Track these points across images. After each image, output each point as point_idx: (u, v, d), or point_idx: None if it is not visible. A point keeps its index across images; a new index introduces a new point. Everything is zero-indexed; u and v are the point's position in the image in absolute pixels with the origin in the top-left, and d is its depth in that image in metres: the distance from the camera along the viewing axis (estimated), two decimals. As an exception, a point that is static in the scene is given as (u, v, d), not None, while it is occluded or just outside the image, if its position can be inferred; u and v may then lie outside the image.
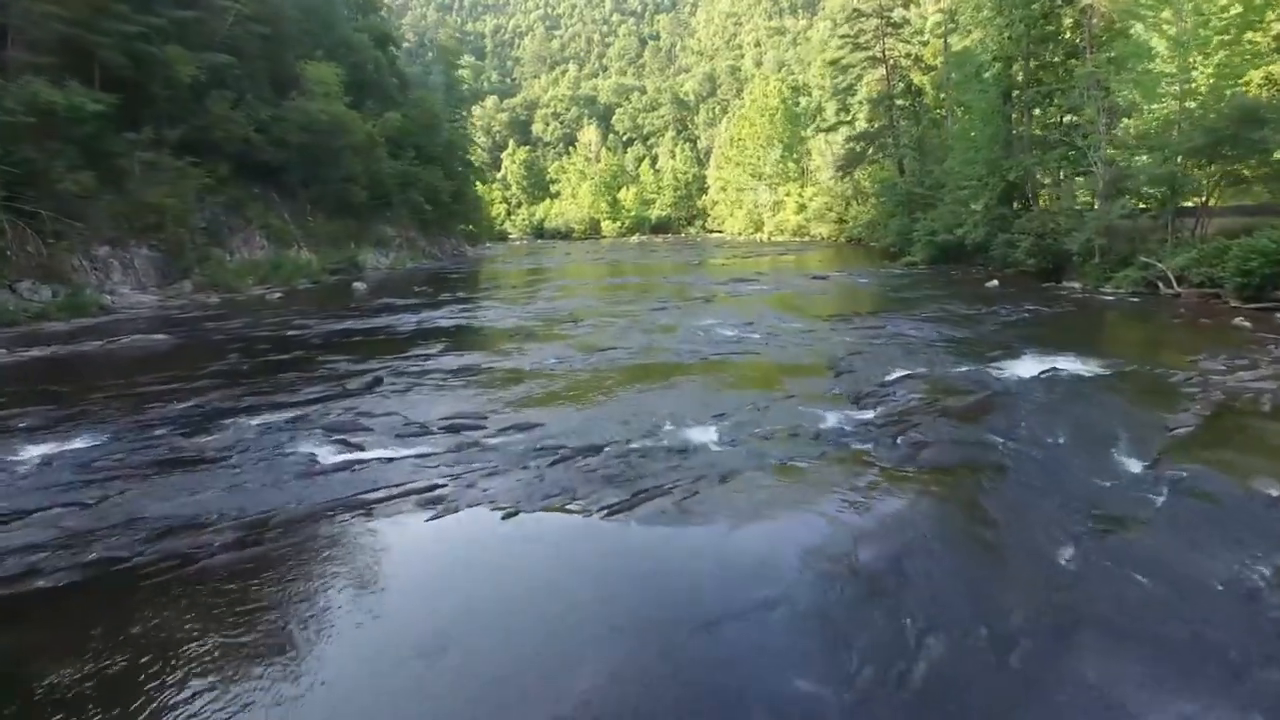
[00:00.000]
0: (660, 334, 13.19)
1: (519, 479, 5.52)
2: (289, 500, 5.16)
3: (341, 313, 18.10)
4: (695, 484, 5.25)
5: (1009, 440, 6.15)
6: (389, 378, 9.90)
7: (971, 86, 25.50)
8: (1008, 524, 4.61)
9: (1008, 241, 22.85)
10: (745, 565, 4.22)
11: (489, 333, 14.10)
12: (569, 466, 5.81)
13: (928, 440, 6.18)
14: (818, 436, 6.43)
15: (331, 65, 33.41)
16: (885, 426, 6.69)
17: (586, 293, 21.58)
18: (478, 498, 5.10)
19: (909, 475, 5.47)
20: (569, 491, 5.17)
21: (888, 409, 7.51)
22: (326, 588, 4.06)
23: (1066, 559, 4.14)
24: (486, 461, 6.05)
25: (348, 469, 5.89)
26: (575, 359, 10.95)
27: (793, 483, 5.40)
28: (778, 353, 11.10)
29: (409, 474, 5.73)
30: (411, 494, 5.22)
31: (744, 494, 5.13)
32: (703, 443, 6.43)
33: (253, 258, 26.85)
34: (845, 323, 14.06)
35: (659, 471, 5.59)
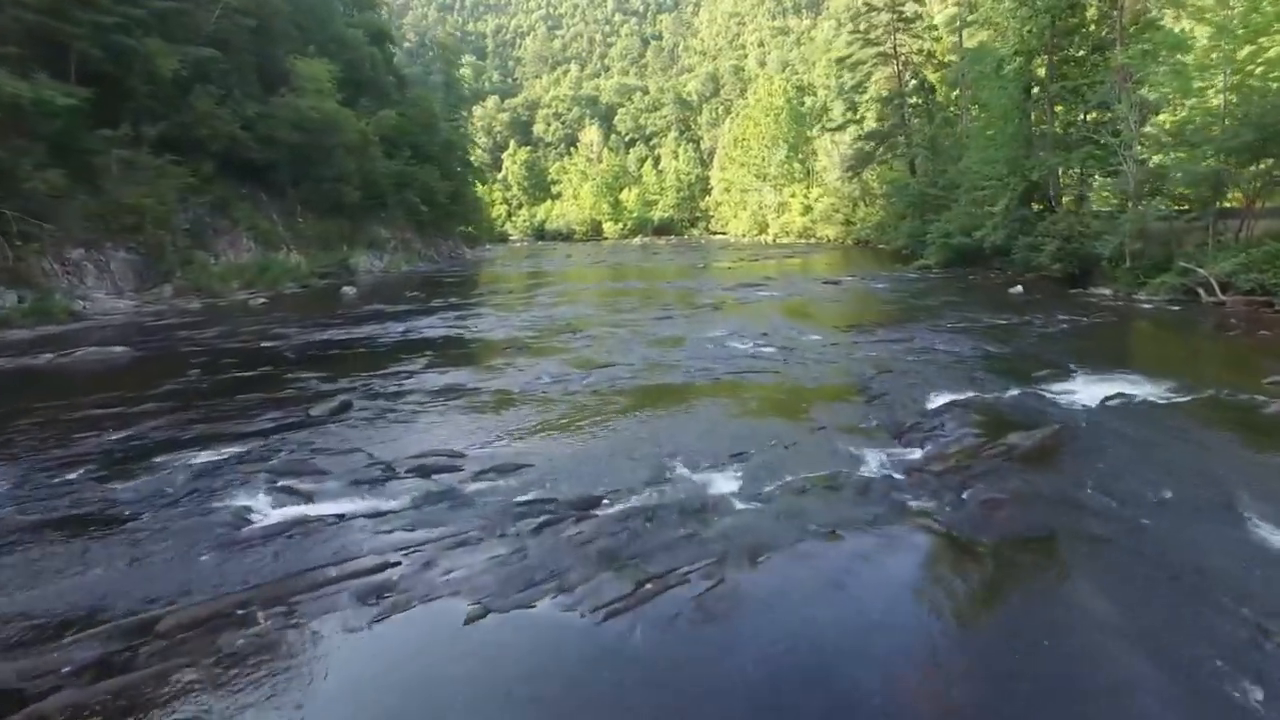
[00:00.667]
0: (666, 347, 12.03)
1: (493, 554, 4.36)
2: (195, 586, 4.01)
3: (325, 320, 16.96)
4: (718, 566, 4.09)
5: (1103, 496, 4.98)
6: (360, 401, 8.75)
7: (990, 82, 24.32)
8: (1143, 634, 3.44)
9: (1030, 245, 21.68)
10: (789, 702, 3.06)
11: (479, 345, 12.95)
12: (557, 534, 4.64)
13: (999, 496, 5.01)
14: (864, 490, 5.26)
15: (324, 61, 32.27)
16: (943, 475, 5.52)
17: (586, 299, 20.43)
18: (437, 586, 3.94)
19: (988, 551, 4.30)
20: (555, 576, 4.01)
21: (938, 448, 6.34)
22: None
23: (1243, 693, 2.97)
24: (456, 523, 4.89)
25: (284, 534, 4.73)
26: (572, 378, 9.79)
27: (843, 565, 4.23)
28: (798, 371, 9.93)
29: (357, 543, 4.57)
30: (355, 577, 4.06)
31: (781, 584, 3.97)
32: (722, 496, 5.26)
33: (239, 260, 25.73)
34: (867, 334, 12.89)
35: (671, 543, 4.43)
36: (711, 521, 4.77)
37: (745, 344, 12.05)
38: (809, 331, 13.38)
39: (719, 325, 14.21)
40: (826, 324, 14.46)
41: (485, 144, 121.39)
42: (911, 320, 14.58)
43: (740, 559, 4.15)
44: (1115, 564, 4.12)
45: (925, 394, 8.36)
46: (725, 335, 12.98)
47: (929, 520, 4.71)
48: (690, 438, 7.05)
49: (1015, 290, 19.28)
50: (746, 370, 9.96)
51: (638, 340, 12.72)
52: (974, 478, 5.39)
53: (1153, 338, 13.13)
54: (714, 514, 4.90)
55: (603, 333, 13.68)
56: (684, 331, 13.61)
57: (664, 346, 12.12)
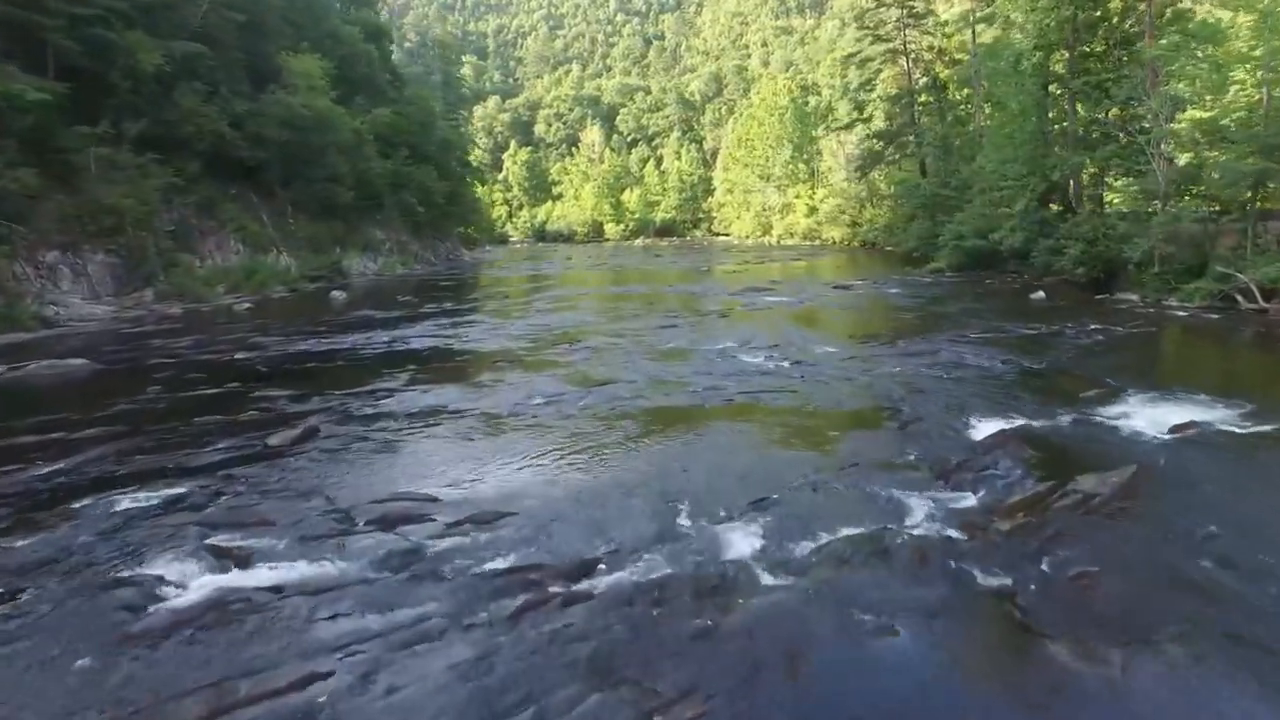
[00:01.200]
0: (671, 361, 11.06)
1: (454, 659, 3.38)
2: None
3: (308, 328, 16.01)
4: (744, 686, 3.10)
5: (1221, 567, 4.00)
6: (329, 426, 7.78)
7: (1007, 79, 23.33)
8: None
9: (1051, 248, 20.69)
10: None
11: (468, 358, 11.98)
12: (539, 625, 3.67)
13: (1091, 569, 4.03)
14: (918, 558, 4.28)
15: (316, 58, 31.37)
16: (1012, 535, 4.54)
17: (586, 305, 19.47)
18: (374, 717, 2.97)
19: (1092, 654, 3.31)
20: (530, 701, 3.02)
21: (996, 494, 5.37)
22: None
23: None
24: (416, 604, 3.93)
25: (194, 623, 3.76)
26: (567, 398, 8.82)
27: (906, 681, 3.23)
28: (818, 391, 8.95)
29: (285, 638, 3.60)
30: (269, 698, 3.09)
31: (828, 714, 2.99)
32: (743, 565, 4.30)
33: (225, 263, 24.80)
34: (888, 346, 11.91)
35: (683, 645, 3.45)
36: (733, 606, 3.79)
37: (757, 357, 11.07)
38: (824, 343, 12.41)
39: (727, 335, 13.23)
40: (842, 334, 13.49)
41: (486, 144, 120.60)
42: (932, 330, 13.60)
43: (774, 672, 3.17)
44: (1270, 674, 3.14)
45: (965, 420, 7.38)
46: (734, 347, 12.01)
47: (1008, 606, 3.73)
48: (701, 476, 6.08)
49: (1037, 296, 18.29)
50: (760, 389, 8.98)
51: (640, 352, 11.76)
52: (1051, 540, 4.41)
53: (1201, 350, 12.14)
54: (735, 594, 3.92)
55: (602, 344, 12.72)
56: (690, 342, 12.64)
57: (669, 360, 11.15)
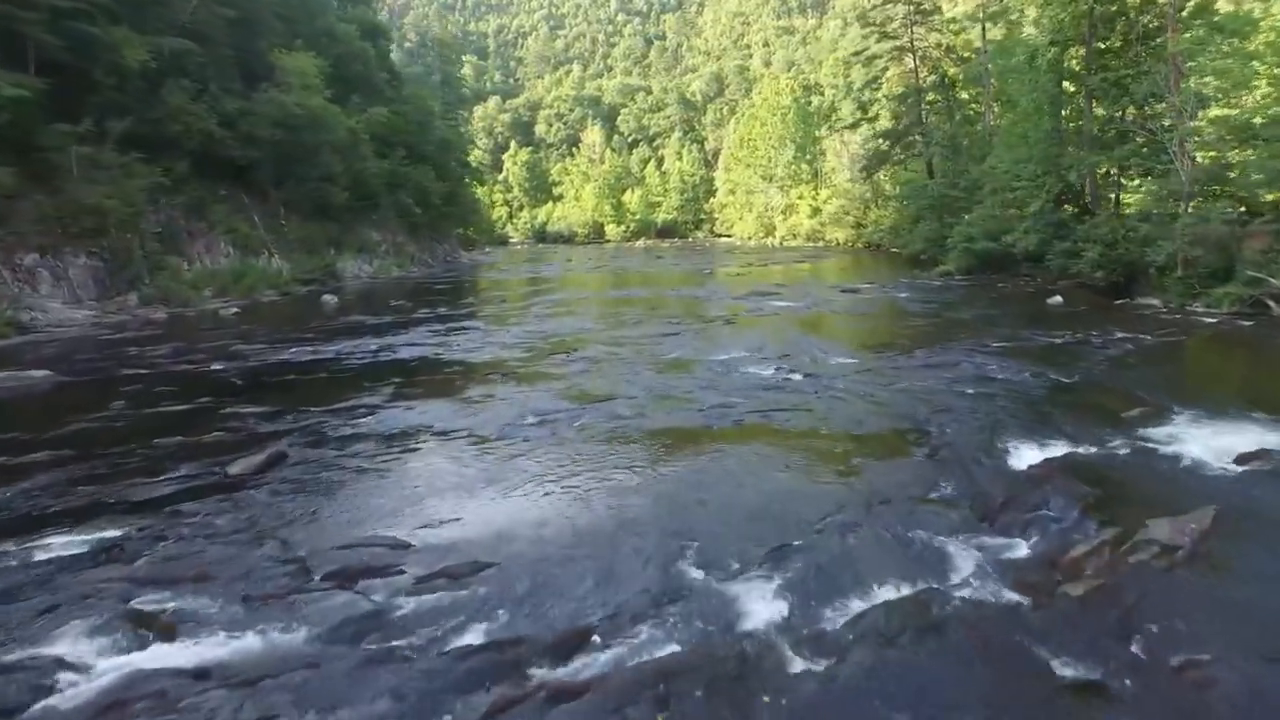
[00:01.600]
0: (674, 374, 10.33)
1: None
2: None
3: (295, 335, 15.30)
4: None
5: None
6: (299, 450, 7.06)
7: (1020, 76, 22.60)
8: None
9: (1067, 250, 19.93)
10: None
11: (458, 370, 11.25)
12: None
13: (1196, 652, 3.29)
14: (978, 636, 3.53)
15: (311, 55, 30.68)
16: (1086, 602, 3.80)
17: (585, 310, 18.75)
18: None
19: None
20: None
21: (1050, 539, 4.65)
22: None
23: None
24: (366, 699, 3.19)
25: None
26: (561, 416, 8.09)
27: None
28: (835, 409, 8.22)
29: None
30: None
31: None
32: (765, 640, 3.57)
33: (215, 266, 24.10)
34: (904, 356, 11.18)
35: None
36: (755, 705, 3.05)
37: (766, 369, 10.34)
38: (837, 352, 11.67)
39: (733, 344, 12.50)
40: (855, 342, 12.75)
41: (486, 145, 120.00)
42: (950, 338, 12.86)
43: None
44: None
45: (1001, 446, 6.66)
46: (742, 357, 11.28)
47: (1099, 710, 2.99)
48: (710, 514, 5.37)
49: (1054, 301, 17.58)
50: (772, 407, 8.24)
51: (641, 363, 11.03)
52: (1136, 609, 3.67)
53: (1241, 361, 11.39)
54: (757, 685, 3.19)
55: (601, 353, 11.99)
56: (694, 352, 11.91)
57: (672, 372, 10.43)
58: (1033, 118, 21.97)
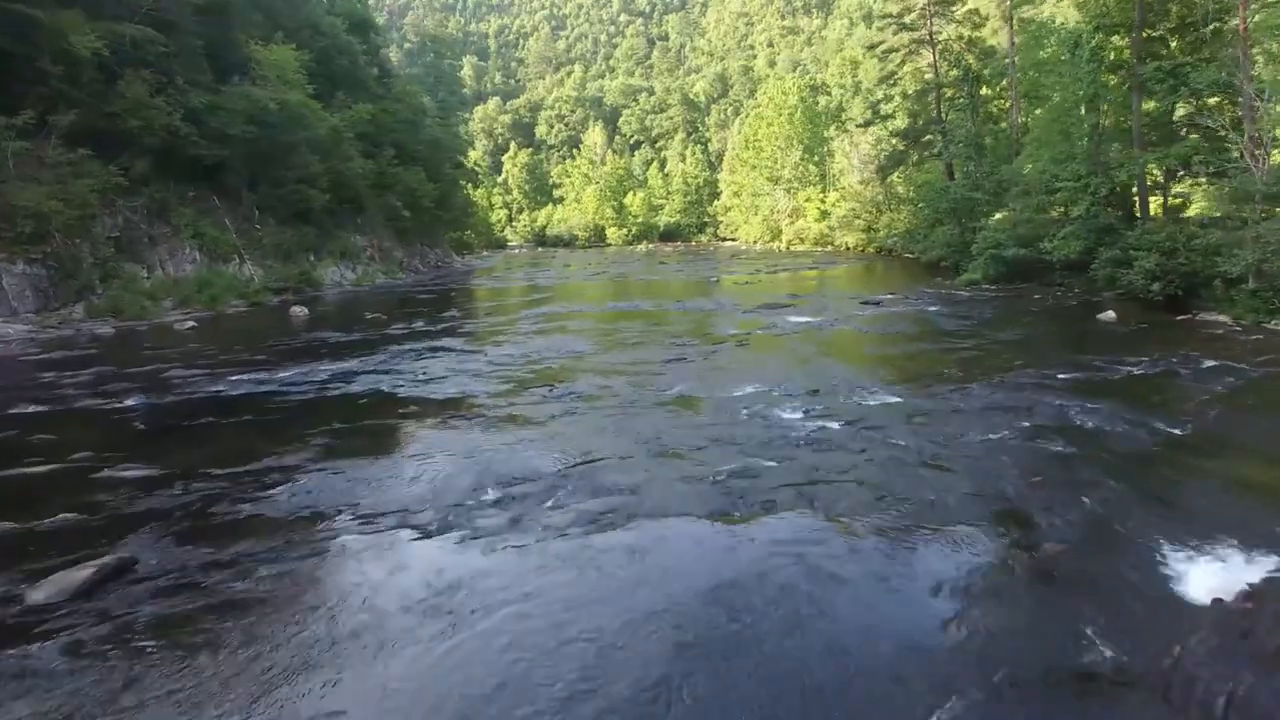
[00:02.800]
0: (679, 419, 8.32)
1: None
2: None
3: (245, 356, 13.33)
4: None
5: None
6: (157, 554, 5.08)
7: (1058, 68, 20.57)
8: None
9: (1116, 259, 17.90)
10: None
11: (415, 411, 9.23)
12: None
13: None
14: None
15: (291, 48, 28.78)
16: None
17: (578, 327, 16.76)
18: None
19: None
20: None
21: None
22: None
23: None
24: None
25: None
26: (531, 492, 6.08)
27: None
28: (895, 479, 6.21)
29: None
30: None
31: None
32: None
33: (179, 274, 22.16)
34: (959, 392, 9.17)
35: None
36: None
37: (793, 413, 8.33)
38: (875, 387, 9.64)
39: (750, 374, 10.48)
40: (893, 372, 10.72)
41: (486, 146, 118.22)
42: (1004, 365, 10.85)
43: None
44: None
45: (1142, 553, 4.68)
46: (761, 394, 9.27)
47: None
48: (743, 682, 3.36)
49: (1106, 317, 15.55)
50: (811, 477, 6.24)
51: (640, 403, 9.02)
52: None
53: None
54: None
55: (592, 387, 9.98)
56: (704, 385, 9.90)
57: (678, 417, 8.41)
58: (1073, 113, 19.95)
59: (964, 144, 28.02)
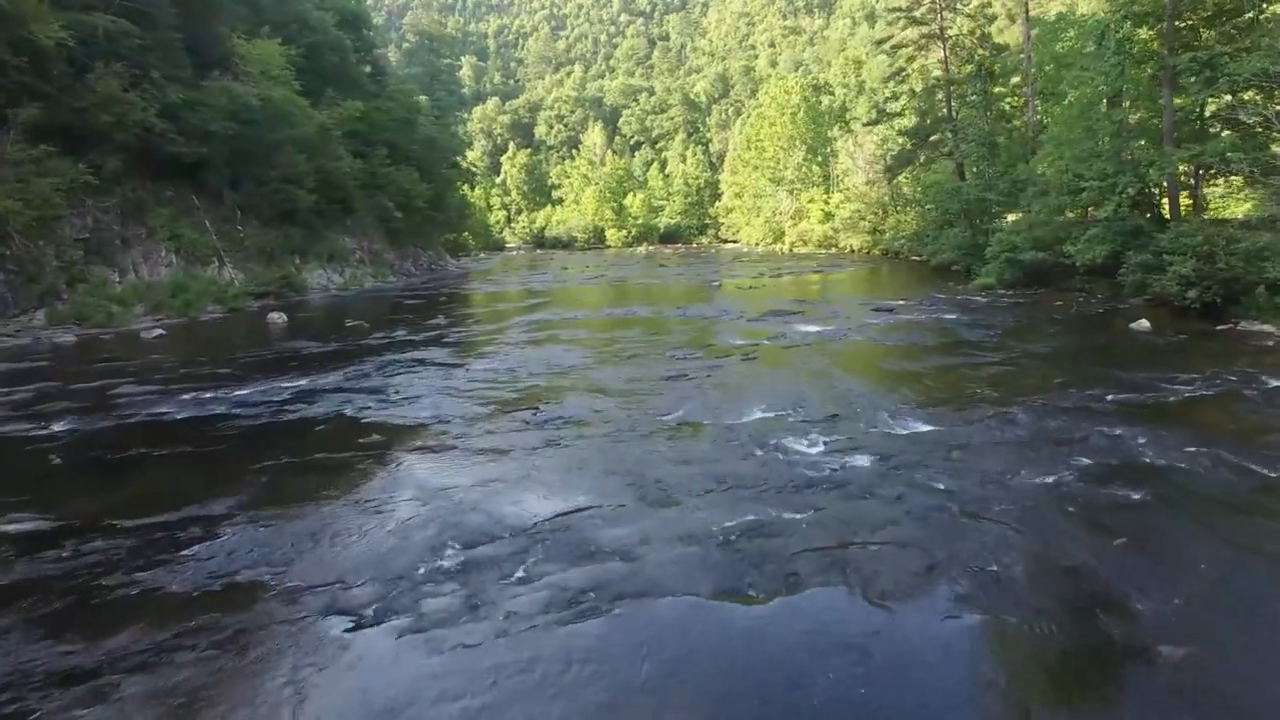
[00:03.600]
0: (679, 453, 7.18)
1: None
2: None
3: (208, 369, 12.21)
4: None
5: None
6: (58, 609, 3.94)
7: (1084, 60, 19.44)
8: None
9: (1145, 264, 16.77)
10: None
11: (380, 439, 8.08)
12: None
13: None
14: None
15: (276, 43, 27.69)
16: None
17: (571, 336, 15.62)
18: None
19: None
20: None
21: None
22: None
23: None
24: None
25: None
26: (497, 559, 4.94)
27: None
28: (937, 535, 5.08)
29: None
30: None
31: None
32: None
33: (154, 278, 21.05)
34: (1000, 419, 8.03)
35: None
36: None
37: (812, 446, 7.20)
38: (902, 411, 8.49)
39: (759, 394, 9.34)
40: (920, 392, 9.56)
41: (485, 147, 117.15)
42: (1042, 384, 9.73)
43: None
44: None
45: None
46: (773, 420, 8.14)
47: None
48: None
49: (1140, 326, 14.43)
50: (842, 536, 5.10)
51: (635, 432, 7.88)
52: None
53: None
54: None
55: (581, 410, 8.84)
56: (708, 409, 8.75)
57: (677, 450, 7.27)
58: (1097, 108, 18.81)
59: (977, 142, 26.90)
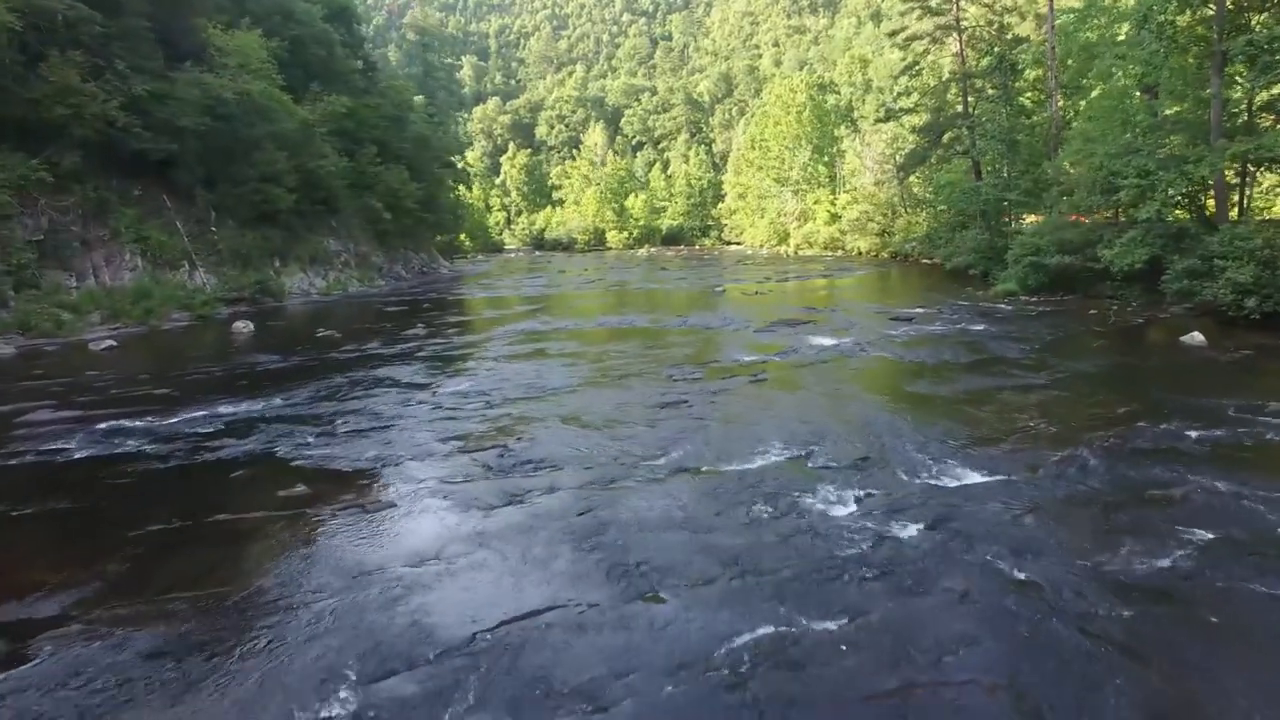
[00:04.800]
0: (674, 516, 5.68)
1: None
2: None
3: (141, 390, 10.76)
4: None
5: None
6: None
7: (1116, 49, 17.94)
8: None
9: (1193, 270, 15.27)
10: None
11: (307, 491, 6.58)
12: None
13: None
14: None
15: (256, 34, 26.29)
16: None
17: (559, 350, 14.14)
18: None
19: None
20: None
21: None
22: None
23: None
24: None
25: None
26: (436, 673, 3.45)
27: None
28: (1026, 661, 3.58)
29: None
30: None
31: None
32: None
33: (116, 283, 19.62)
34: (1063, 463, 6.55)
35: None
36: None
37: (839, 502, 5.72)
38: (945, 453, 6.99)
39: (770, 429, 7.84)
40: (961, 424, 8.04)
41: (485, 147, 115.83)
42: (1104, 415, 8.24)
43: None
44: None
45: None
46: (789, 465, 6.66)
47: None
48: None
49: (1193, 340, 12.88)
50: (890, 656, 3.62)
51: (618, 484, 6.39)
52: None
53: None
54: None
55: (557, 452, 7.34)
56: (709, 449, 7.26)
57: (672, 511, 5.77)
58: (1133, 100, 17.31)
59: (996, 139, 25.38)
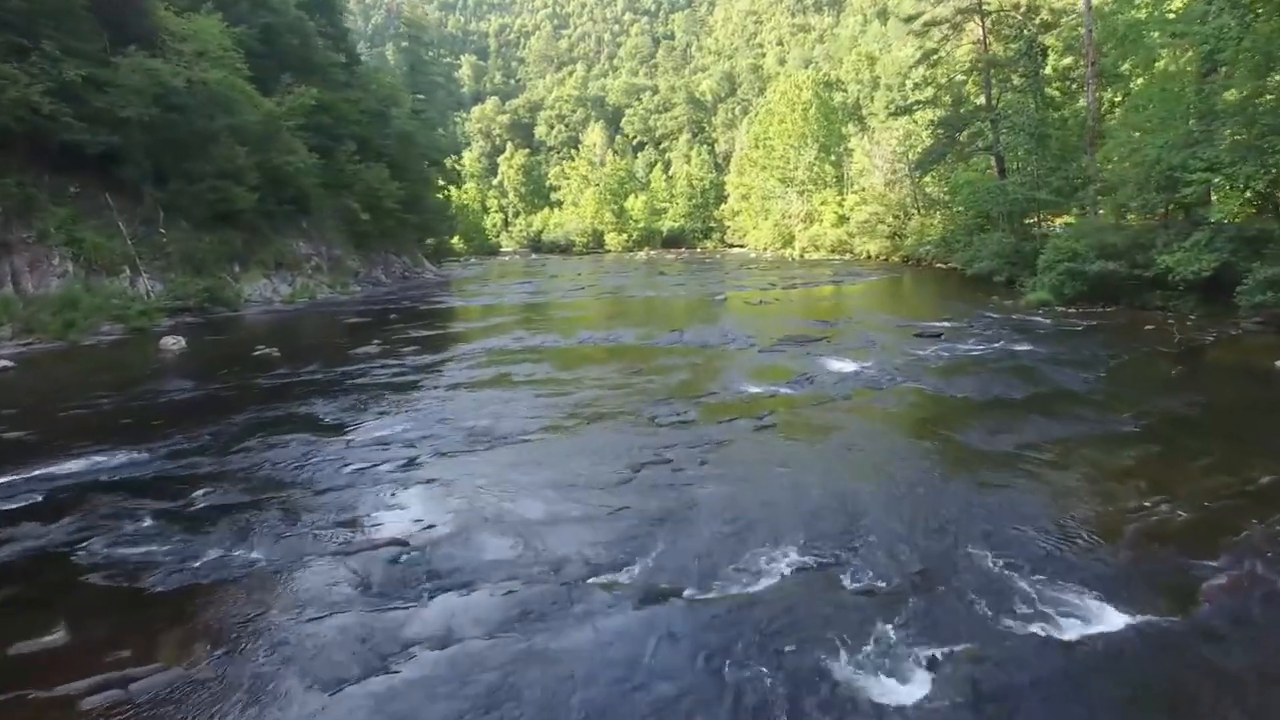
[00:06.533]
0: (629, 678, 3.45)
1: None
2: None
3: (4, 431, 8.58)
4: None
5: None
6: None
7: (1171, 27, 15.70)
8: None
9: (1271, 280, 13.03)
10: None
11: (96, 625, 4.42)
12: None
13: None
14: None
15: (215, 19, 24.18)
16: None
17: (524, 377, 11.92)
18: None
19: None
20: None
21: None
22: None
23: None
24: None
25: None
26: None
27: None
28: None
29: None
30: None
31: None
32: None
33: (41, 290, 17.48)
34: (1227, 573, 4.29)
35: None
36: None
37: (895, 671, 3.49)
38: (1034, 559, 4.76)
39: (782, 515, 5.63)
40: (1043, 501, 5.81)
41: (483, 148, 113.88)
42: (1240, 485, 6.01)
43: None
44: None
45: None
46: (810, 585, 4.43)
47: None
48: None
49: (1285, 366, 10.63)
50: None
51: (562, 611, 4.15)
52: None
53: None
54: None
55: (481, 554, 5.10)
56: (695, 555, 5.04)
57: (628, 663, 3.54)
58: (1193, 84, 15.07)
59: (1025, 132, 23.13)
